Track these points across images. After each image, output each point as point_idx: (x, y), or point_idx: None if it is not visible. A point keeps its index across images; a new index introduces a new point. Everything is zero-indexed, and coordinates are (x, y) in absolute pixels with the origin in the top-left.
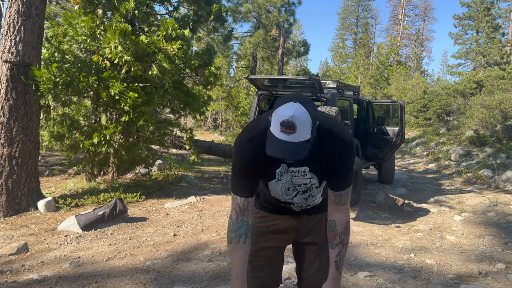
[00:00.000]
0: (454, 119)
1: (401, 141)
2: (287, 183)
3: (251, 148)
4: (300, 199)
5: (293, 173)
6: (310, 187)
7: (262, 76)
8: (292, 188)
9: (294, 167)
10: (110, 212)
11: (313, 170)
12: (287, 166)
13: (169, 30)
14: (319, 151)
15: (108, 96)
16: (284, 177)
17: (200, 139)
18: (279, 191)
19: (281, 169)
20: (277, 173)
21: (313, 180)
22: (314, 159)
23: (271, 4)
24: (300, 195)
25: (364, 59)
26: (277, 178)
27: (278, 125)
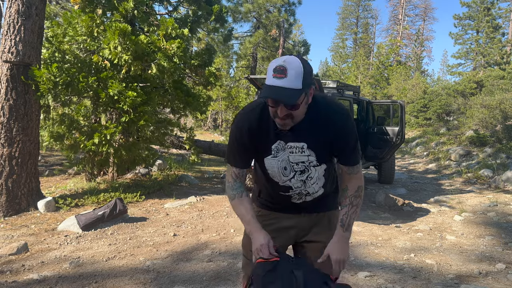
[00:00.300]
0: (454, 119)
1: (401, 141)
2: (284, 162)
3: (247, 121)
4: (298, 182)
5: (291, 149)
6: (308, 165)
7: (262, 76)
8: (290, 167)
9: (292, 142)
10: (110, 212)
11: (311, 146)
12: (284, 143)
13: (169, 29)
14: (316, 125)
15: (107, 96)
16: (280, 155)
17: (200, 139)
18: (275, 170)
19: (277, 145)
20: (272, 149)
21: (311, 157)
22: (312, 133)
23: (271, 4)
24: (298, 176)
25: (364, 59)
26: (272, 154)
27: (271, 72)
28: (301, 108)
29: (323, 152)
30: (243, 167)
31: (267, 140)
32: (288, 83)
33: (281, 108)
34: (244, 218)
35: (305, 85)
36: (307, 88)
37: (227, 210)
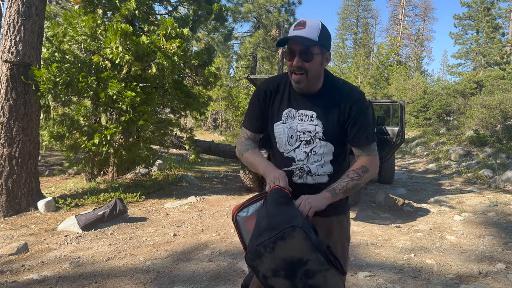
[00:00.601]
0: (454, 119)
1: (401, 141)
2: (291, 130)
3: (268, 83)
4: (301, 153)
5: (300, 117)
6: (313, 136)
7: (262, 76)
8: (296, 136)
9: (302, 110)
10: (110, 212)
11: (320, 116)
12: (295, 110)
13: (169, 29)
14: (329, 97)
15: (106, 96)
16: (289, 122)
17: (200, 139)
18: (282, 137)
19: (288, 112)
20: (283, 115)
21: (318, 128)
22: (324, 104)
23: (271, 4)
24: (302, 147)
25: (364, 59)
26: (282, 120)
27: (292, 28)
28: (315, 63)
29: (331, 125)
30: (254, 131)
31: (280, 105)
32: (305, 33)
33: (297, 59)
34: (259, 163)
35: (322, 41)
36: (323, 47)
37: (227, 210)
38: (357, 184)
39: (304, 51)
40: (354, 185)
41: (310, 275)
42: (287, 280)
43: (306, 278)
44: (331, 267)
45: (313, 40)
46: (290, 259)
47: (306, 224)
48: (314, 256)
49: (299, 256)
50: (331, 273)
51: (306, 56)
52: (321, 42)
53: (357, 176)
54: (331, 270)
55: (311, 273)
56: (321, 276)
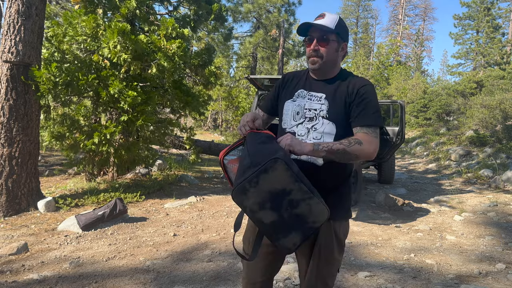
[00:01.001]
0: (454, 119)
1: (401, 141)
2: (299, 107)
3: (290, 73)
4: (303, 129)
5: (310, 97)
6: (317, 113)
7: (262, 76)
8: (302, 113)
9: (314, 91)
10: (110, 212)
11: (328, 98)
12: (307, 91)
13: (169, 29)
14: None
15: (107, 96)
16: (298, 100)
17: (200, 139)
18: (289, 113)
19: (300, 92)
20: (294, 94)
21: (323, 106)
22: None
23: (271, 4)
24: (305, 123)
25: (364, 59)
26: (293, 98)
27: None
28: (330, 49)
29: (337, 106)
30: (264, 110)
31: (294, 87)
32: (324, 22)
33: (314, 43)
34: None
35: (338, 30)
36: (339, 35)
37: (227, 210)
38: (344, 150)
39: (321, 37)
40: (340, 149)
41: (295, 204)
42: (273, 212)
43: (291, 208)
44: (314, 196)
45: (330, 28)
46: (274, 191)
47: (287, 157)
48: (296, 186)
49: (282, 187)
50: (314, 201)
51: (322, 41)
52: (337, 31)
53: (346, 142)
54: (314, 198)
55: (295, 202)
56: (305, 205)
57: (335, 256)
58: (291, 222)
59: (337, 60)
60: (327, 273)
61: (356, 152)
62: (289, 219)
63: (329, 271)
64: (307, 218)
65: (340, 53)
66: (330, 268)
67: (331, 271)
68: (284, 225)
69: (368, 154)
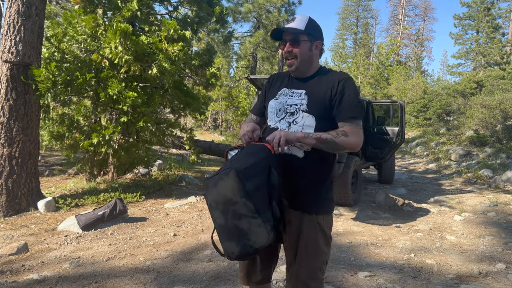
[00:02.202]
0: (454, 119)
1: (401, 141)
2: (280, 104)
3: (272, 76)
4: (285, 123)
5: (291, 94)
6: (298, 108)
7: (262, 76)
8: (283, 109)
9: (295, 89)
10: (110, 212)
11: (308, 93)
12: (288, 89)
13: (171, 31)
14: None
15: (106, 96)
16: (281, 98)
17: (200, 139)
18: (272, 110)
19: (282, 91)
20: (277, 94)
21: (303, 101)
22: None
23: (271, 4)
24: (286, 118)
25: (364, 59)
26: (276, 97)
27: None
28: (302, 48)
29: (316, 99)
30: (255, 113)
31: (278, 87)
32: (294, 24)
33: (287, 45)
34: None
35: (308, 30)
36: (310, 35)
37: None
38: (332, 139)
39: (293, 39)
40: (328, 138)
41: (237, 216)
42: (221, 214)
43: (234, 218)
44: (259, 217)
45: (300, 29)
46: (225, 197)
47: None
48: (242, 200)
49: (230, 196)
50: (257, 222)
51: (294, 43)
52: (307, 31)
53: (334, 133)
54: (258, 219)
55: (238, 215)
56: (246, 222)
57: (322, 249)
58: (232, 232)
59: (313, 58)
60: (315, 266)
61: (342, 143)
62: (232, 228)
63: (317, 264)
64: (247, 235)
65: (314, 51)
66: (318, 260)
67: (319, 264)
68: (227, 231)
69: (353, 145)
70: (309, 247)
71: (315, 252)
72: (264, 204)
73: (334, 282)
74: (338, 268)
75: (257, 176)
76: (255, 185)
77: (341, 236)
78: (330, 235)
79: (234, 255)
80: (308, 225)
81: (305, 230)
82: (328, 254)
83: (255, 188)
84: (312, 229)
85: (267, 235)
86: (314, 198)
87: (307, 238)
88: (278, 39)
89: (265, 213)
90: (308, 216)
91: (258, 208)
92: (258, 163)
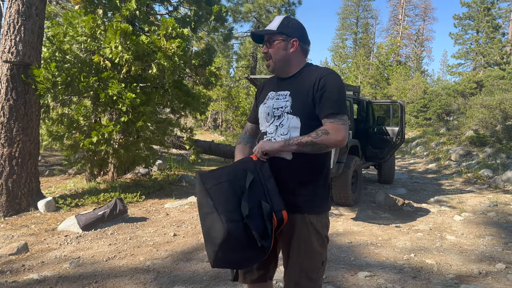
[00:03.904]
0: (454, 119)
1: (401, 141)
2: (268, 108)
3: (263, 82)
4: (273, 127)
5: (278, 97)
6: (283, 111)
7: (262, 76)
8: (271, 113)
9: (281, 91)
10: (110, 212)
11: (292, 94)
12: (275, 92)
13: (169, 29)
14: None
15: (106, 97)
16: (268, 102)
17: (200, 139)
18: (262, 116)
19: (269, 95)
20: (266, 98)
21: (288, 103)
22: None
23: (271, 4)
24: (274, 122)
25: (364, 59)
26: (264, 102)
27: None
28: (276, 48)
29: (300, 100)
30: (251, 121)
31: (266, 91)
32: (268, 27)
33: (264, 47)
34: (235, 157)
35: (281, 29)
36: (283, 34)
37: None
38: (312, 141)
39: (267, 40)
40: (308, 141)
41: (204, 217)
42: (200, 217)
43: (204, 220)
44: (216, 212)
45: (272, 30)
46: (199, 203)
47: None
48: (206, 200)
49: (200, 199)
50: (215, 217)
51: (268, 43)
52: (279, 30)
53: (314, 134)
54: (215, 214)
55: (205, 215)
56: (209, 219)
57: (316, 249)
58: (205, 235)
59: (290, 57)
60: (309, 266)
61: (324, 142)
62: (205, 231)
63: (311, 264)
64: (211, 233)
65: (290, 50)
66: (312, 261)
67: (313, 264)
68: (204, 235)
69: (336, 142)
70: (301, 247)
71: (307, 252)
72: (224, 199)
73: (334, 282)
74: (338, 268)
75: (220, 176)
76: (216, 183)
77: (341, 236)
78: (327, 235)
79: (211, 259)
80: (300, 225)
81: (297, 230)
82: (323, 254)
83: (214, 185)
84: (304, 229)
85: (222, 226)
86: (304, 198)
87: (299, 238)
88: (260, 42)
89: (221, 205)
90: (300, 216)
91: (216, 203)
92: (224, 168)
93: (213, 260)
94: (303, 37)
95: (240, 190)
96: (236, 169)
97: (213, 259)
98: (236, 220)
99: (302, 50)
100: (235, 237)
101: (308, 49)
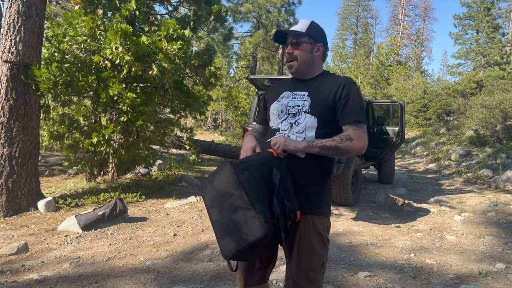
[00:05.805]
0: (454, 119)
1: (401, 141)
2: (282, 106)
3: (277, 82)
4: (286, 124)
5: (294, 96)
6: (300, 109)
7: (262, 76)
8: (285, 110)
9: (298, 91)
10: (110, 212)
11: (311, 95)
12: (290, 92)
13: (170, 30)
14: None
15: (107, 97)
16: (282, 100)
17: (200, 139)
18: (275, 112)
19: (284, 94)
20: (279, 96)
21: (306, 102)
22: (317, 85)
23: (271, 4)
24: (288, 119)
25: (364, 59)
26: (277, 100)
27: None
28: (303, 50)
29: (319, 101)
30: (260, 122)
31: (280, 91)
32: (296, 27)
33: (289, 47)
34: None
35: (309, 32)
36: (311, 37)
37: None
38: (336, 146)
39: (294, 41)
40: (332, 145)
41: (233, 209)
42: (218, 211)
43: (229, 212)
44: (253, 208)
45: (301, 31)
46: (220, 191)
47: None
48: (238, 192)
49: (226, 189)
50: (251, 214)
51: (295, 44)
52: (308, 33)
53: (338, 139)
54: (252, 210)
55: (234, 208)
56: (241, 214)
57: (317, 251)
58: (229, 227)
59: (314, 60)
60: (309, 268)
61: (347, 148)
62: (228, 223)
63: (312, 266)
64: (241, 228)
65: (316, 53)
66: (312, 262)
67: (314, 266)
68: (223, 228)
69: (359, 148)
70: (301, 248)
71: (308, 253)
72: (261, 197)
73: (334, 282)
74: (338, 268)
75: (252, 170)
76: (249, 178)
77: (341, 236)
78: (327, 237)
79: (231, 253)
80: (303, 225)
81: (299, 231)
82: (324, 256)
83: (248, 179)
84: (306, 230)
85: (260, 226)
86: (310, 199)
87: (300, 239)
88: (281, 43)
89: (259, 203)
90: (303, 216)
91: (253, 199)
92: (255, 159)
93: (233, 254)
94: (326, 44)
95: (267, 187)
96: (263, 164)
97: (233, 253)
98: (269, 219)
99: (323, 56)
100: (268, 236)
101: (327, 56)
